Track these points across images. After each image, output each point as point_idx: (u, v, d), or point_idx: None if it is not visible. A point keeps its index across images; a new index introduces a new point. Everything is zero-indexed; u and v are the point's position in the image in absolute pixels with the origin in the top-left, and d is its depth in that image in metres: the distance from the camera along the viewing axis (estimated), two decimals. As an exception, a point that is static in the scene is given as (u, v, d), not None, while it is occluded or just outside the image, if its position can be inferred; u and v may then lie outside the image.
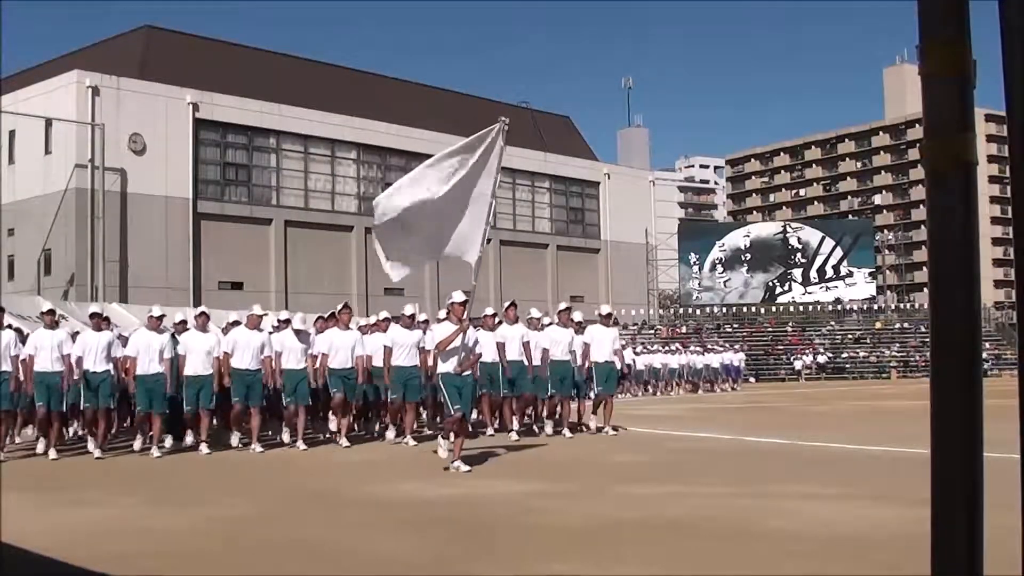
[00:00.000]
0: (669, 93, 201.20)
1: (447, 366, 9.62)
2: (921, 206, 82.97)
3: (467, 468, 9.31)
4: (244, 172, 35.70)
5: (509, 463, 10.28)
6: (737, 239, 60.23)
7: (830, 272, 59.71)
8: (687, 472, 9.48)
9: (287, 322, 13.32)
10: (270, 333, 12.83)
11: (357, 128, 37.79)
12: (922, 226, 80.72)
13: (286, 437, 12.66)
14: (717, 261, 59.09)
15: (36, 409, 11.65)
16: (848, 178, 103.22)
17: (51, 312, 12.03)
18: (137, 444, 12.07)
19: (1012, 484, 1.87)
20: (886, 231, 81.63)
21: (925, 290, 13.30)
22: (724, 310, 58.98)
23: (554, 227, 46.43)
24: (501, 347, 13.12)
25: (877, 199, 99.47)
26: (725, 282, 59.22)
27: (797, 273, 59.86)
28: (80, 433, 13.13)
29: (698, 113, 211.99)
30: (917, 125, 79.45)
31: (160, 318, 12.09)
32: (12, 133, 31.89)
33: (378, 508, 7.68)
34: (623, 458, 10.68)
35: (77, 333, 12.67)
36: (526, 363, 13.20)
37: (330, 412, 13.25)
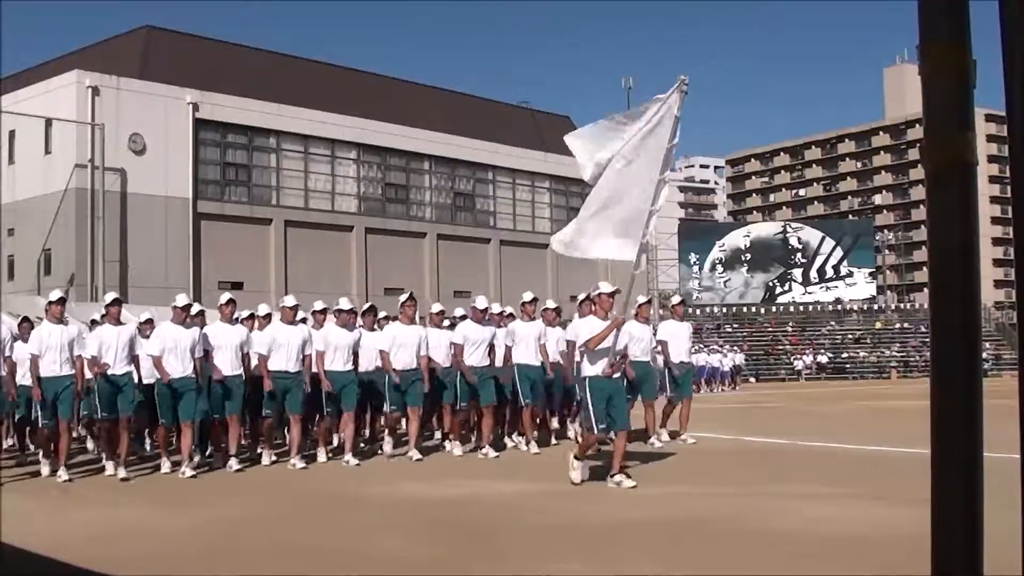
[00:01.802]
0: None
1: (595, 368, 8.16)
2: (921, 206, 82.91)
3: (632, 483, 7.95)
4: (244, 172, 35.67)
5: (509, 463, 10.27)
6: (737, 239, 60.23)
7: (830, 272, 59.70)
8: (687, 472, 9.48)
9: (323, 312, 11.12)
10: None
11: (357, 128, 37.76)
12: (922, 226, 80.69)
13: (321, 455, 10.73)
14: (717, 261, 59.09)
15: (40, 423, 9.69)
16: (848, 178, 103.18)
17: (61, 301, 9.74)
18: (166, 465, 9.82)
19: (1012, 484, 1.87)
20: (886, 231, 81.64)
21: (925, 290, 13.27)
22: (724, 310, 58.94)
23: (554, 227, 46.28)
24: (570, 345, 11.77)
25: (877, 199, 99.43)
26: (725, 282, 59.22)
27: (797, 273, 59.85)
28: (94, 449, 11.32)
29: (698, 113, 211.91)
30: (917, 125, 79.39)
31: (187, 308, 9.94)
32: (12, 133, 31.85)
33: (379, 509, 7.68)
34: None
35: (95, 321, 11.06)
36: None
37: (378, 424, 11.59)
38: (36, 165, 31.39)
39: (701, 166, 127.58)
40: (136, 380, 9.99)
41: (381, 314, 12.11)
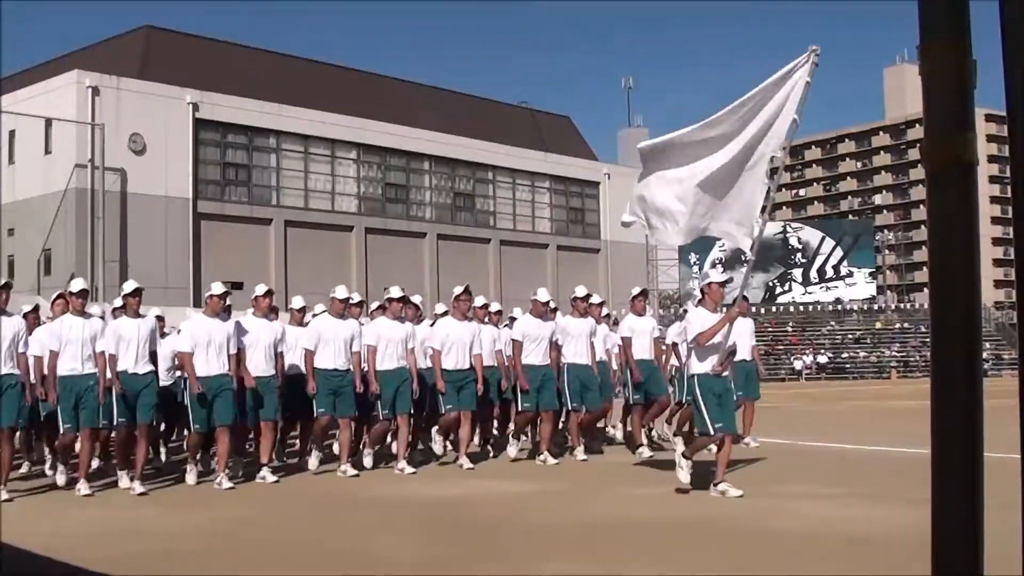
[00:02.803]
0: (669, 93, 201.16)
1: (704, 366, 7.59)
2: (921, 206, 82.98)
3: (738, 492, 7.37)
4: (244, 172, 35.68)
5: (509, 463, 10.26)
6: (737, 239, 60.19)
7: (830, 272, 59.70)
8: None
9: (360, 305, 10.32)
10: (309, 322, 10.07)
11: (357, 128, 37.77)
12: (922, 226, 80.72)
13: (368, 460, 9.77)
14: (717, 261, 59.07)
15: (62, 429, 8.45)
16: (848, 178, 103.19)
17: (84, 293, 8.69)
18: (191, 476, 8.94)
19: (1012, 484, 1.87)
20: (886, 231, 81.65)
21: (925, 290, 13.25)
22: (724, 310, 58.86)
23: (554, 227, 46.40)
24: (627, 343, 10.82)
25: (877, 199, 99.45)
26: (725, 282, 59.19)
27: (797, 273, 59.86)
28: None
29: (698, 113, 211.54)
30: (917, 125, 79.50)
31: (223, 296, 8.94)
32: (12, 133, 31.87)
33: (379, 509, 7.68)
34: (622, 458, 10.67)
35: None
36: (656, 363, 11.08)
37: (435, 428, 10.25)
38: (36, 165, 31.40)
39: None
40: (231, 382, 8.85)
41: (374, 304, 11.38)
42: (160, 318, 10.03)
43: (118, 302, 9.70)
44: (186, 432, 9.65)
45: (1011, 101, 1.60)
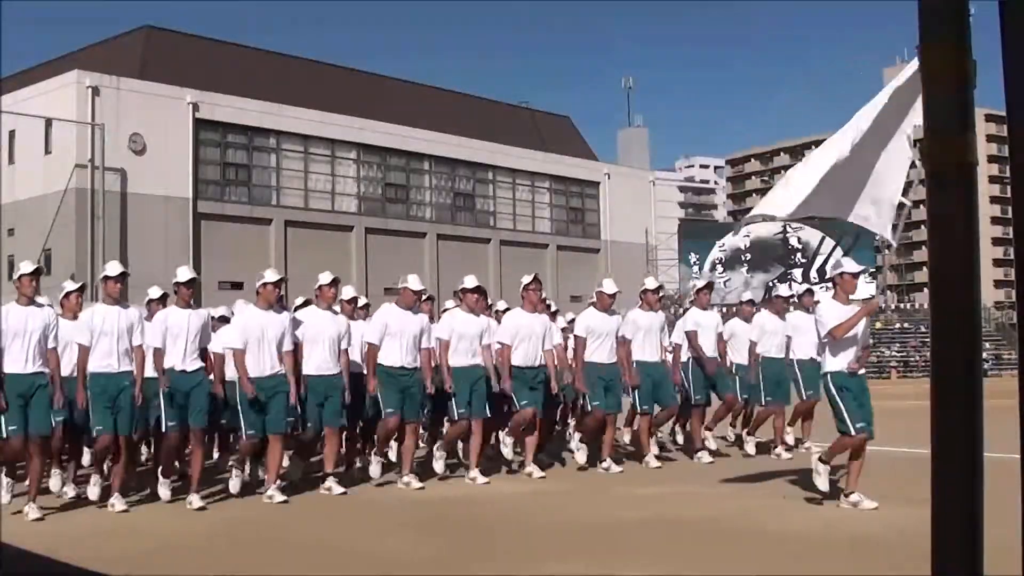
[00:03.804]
0: (669, 93, 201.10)
1: (839, 363, 6.93)
2: (921, 206, 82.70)
3: (873, 504, 6.75)
4: (244, 172, 35.66)
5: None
6: (737, 239, 60.25)
7: (830, 272, 59.67)
8: (687, 472, 9.46)
9: (429, 299, 9.51)
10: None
11: (357, 128, 37.76)
12: (922, 226, 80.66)
13: (440, 465, 8.92)
14: (717, 261, 59.08)
15: (96, 434, 7.38)
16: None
17: (122, 278, 7.85)
18: (235, 484, 7.98)
19: (1012, 484, 1.87)
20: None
21: (925, 290, 13.24)
22: (724, 310, 58.92)
23: (554, 227, 46.39)
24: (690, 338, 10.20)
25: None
26: (725, 282, 59.19)
27: (797, 273, 59.79)
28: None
29: (698, 113, 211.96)
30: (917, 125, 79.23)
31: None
32: (12, 133, 31.86)
33: (379, 509, 7.68)
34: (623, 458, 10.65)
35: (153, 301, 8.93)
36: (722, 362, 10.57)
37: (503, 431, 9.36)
38: (36, 165, 31.40)
39: (701, 166, 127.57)
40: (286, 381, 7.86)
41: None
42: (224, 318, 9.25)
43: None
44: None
45: (1011, 101, 1.60)
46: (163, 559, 5.77)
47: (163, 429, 7.71)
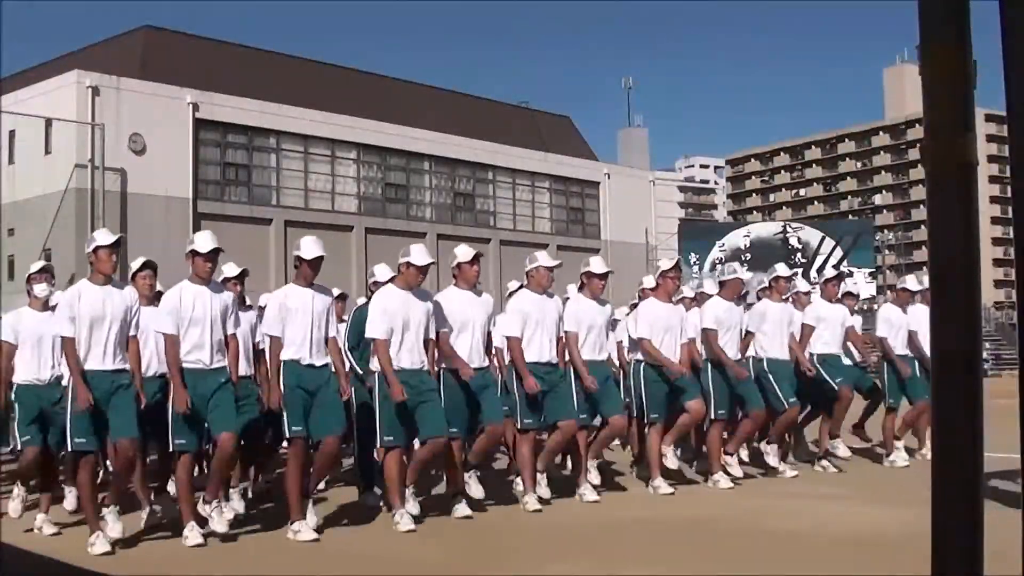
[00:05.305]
0: (669, 93, 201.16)
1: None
2: (921, 206, 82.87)
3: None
4: (244, 172, 35.67)
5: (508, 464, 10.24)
6: (737, 239, 60.22)
7: (830, 272, 59.71)
8: (688, 472, 9.46)
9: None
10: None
11: (357, 128, 37.76)
12: (922, 226, 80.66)
13: (544, 489, 7.39)
14: (717, 261, 59.07)
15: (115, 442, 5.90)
16: (848, 178, 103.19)
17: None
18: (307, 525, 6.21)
19: (1012, 484, 1.87)
20: (886, 231, 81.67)
21: (925, 290, 13.17)
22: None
23: (554, 227, 46.38)
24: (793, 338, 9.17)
25: (877, 199, 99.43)
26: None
27: (797, 273, 59.89)
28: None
29: (698, 113, 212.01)
30: (917, 125, 79.42)
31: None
32: (12, 133, 31.86)
33: (379, 509, 7.67)
34: (622, 458, 10.66)
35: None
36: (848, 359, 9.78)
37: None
38: (36, 165, 31.41)
39: (701, 166, 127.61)
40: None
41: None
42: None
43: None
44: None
45: (1011, 101, 1.60)
46: (163, 559, 5.77)
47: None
